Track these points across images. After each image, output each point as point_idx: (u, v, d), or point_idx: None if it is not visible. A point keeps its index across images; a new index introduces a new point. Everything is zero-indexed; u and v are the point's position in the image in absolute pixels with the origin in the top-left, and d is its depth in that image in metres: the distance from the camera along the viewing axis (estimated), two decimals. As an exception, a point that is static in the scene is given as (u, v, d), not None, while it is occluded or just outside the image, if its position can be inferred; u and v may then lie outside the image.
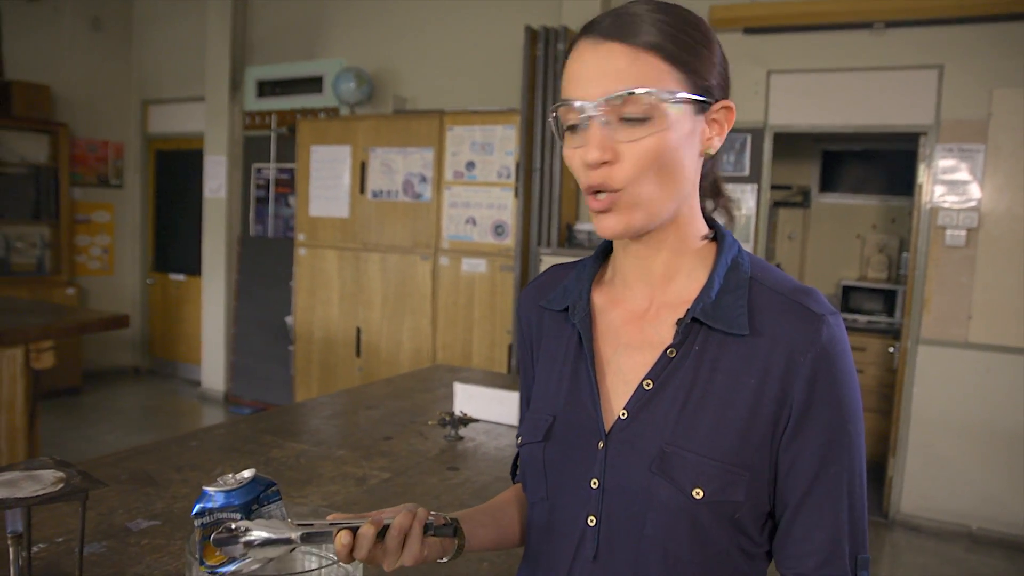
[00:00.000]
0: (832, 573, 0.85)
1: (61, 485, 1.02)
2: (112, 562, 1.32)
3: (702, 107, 0.87)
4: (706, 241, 0.95)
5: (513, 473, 1.18)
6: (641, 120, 0.83)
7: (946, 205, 4.15)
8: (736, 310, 0.87)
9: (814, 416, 0.84)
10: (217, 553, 0.81)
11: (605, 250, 1.04)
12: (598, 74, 0.83)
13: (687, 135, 0.86)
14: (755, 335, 0.86)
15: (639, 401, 0.89)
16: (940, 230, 4.17)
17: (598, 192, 0.86)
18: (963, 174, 4.10)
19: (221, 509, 0.84)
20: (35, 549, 1.30)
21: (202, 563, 0.83)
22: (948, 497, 4.24)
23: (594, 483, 0.90)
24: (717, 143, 0.90)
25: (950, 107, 4.11)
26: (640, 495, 0.86)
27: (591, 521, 0.90)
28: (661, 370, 0.89)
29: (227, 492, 0.85)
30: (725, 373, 0.86)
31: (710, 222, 0.98)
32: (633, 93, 0.82)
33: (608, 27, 0.84)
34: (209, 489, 0.85)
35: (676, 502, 0.84)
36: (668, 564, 0.86)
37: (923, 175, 4.24)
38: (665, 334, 0.91)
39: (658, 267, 0.93)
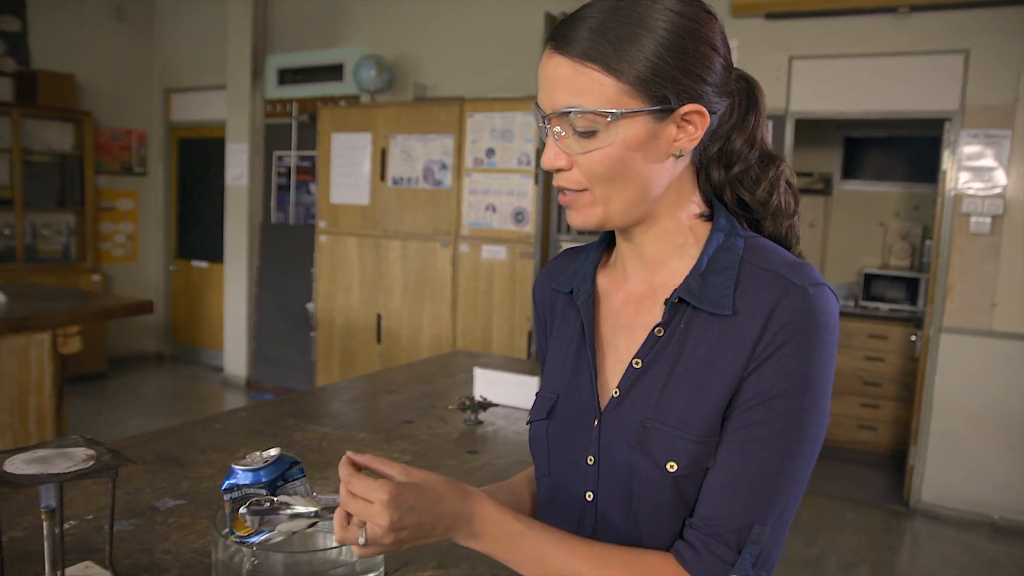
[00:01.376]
0: (713, 530, 0.83)
1: (92, 462, 1.04)
2: (140, 539, 1.35)
3: (661, 114, 0.85)
4: (702, 221, 0.95)
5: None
6: (589, 133, 0.85)
7: (971, 192, 4.10)
8: (722, 291, 0.87)
9: (765, 378, 0.83)
10: (245, 524, 0.86)
11: (611, 234, 1.06)
12: (549, 86, 0.86)
13: (643, 143, 0.85)
14: (735, 313, 0.86)
15: (629, 379, 0.92)
16: (964, 217, 4.13)
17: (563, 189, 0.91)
18: (988, 160, 4.05)
19: (249, 485, 0.88)
20: (66, 525, 1.33)
21: (232, 533, 0.87)
22: (970, 486, 4.22)
23: (590, 460, 0.93)
24: (687, 145, 0.88)
25: (976, 92, 4.06)
26: (624, 470, 0.89)
27: (589, 496, 0.94)
28: (649, 349, 0.91)
29: (254, 470, 0.89)
30: (704, 350, 0.87)
31: (712, 202, 0.97)
32: (571, 112, 0.84)
33: (558, 36, 0.86)
34: (237, 467, 0.90)
35: (653, 475, 0.86)
36: (657, 536, 0.88)
37: (947, 161, 4.20)
38: (657, 315, 0.94)
39: (647, 252, 0.96)
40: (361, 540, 0.78)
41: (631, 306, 0.97)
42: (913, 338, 5.03)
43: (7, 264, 6.25)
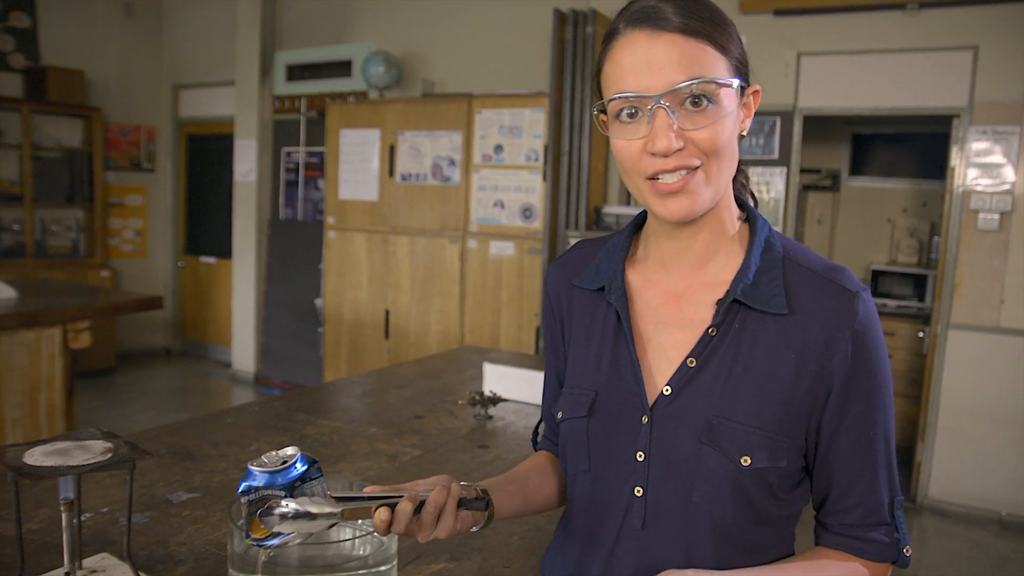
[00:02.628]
0: (876, 520, 0.92)
1: (110, 455, 1.05)
2: (155, 531, 1.37)
3: (741, 91, 0.90)
4: (740, 222, 0.98)
5: (534, 443, 1.22)
6: (704, 108, 0.86)
7: (979, 188, 4.09)
8: (773, 290, 0.91)
9: (854, 388, 0.89)
10: (262, 527, 0.85)
11: (635, 227, 1.06)
12: (660, 64, 0.85)
13: (735, 119, 0.90)
14: (792, 313, 0.90)
15: (683, 377, 0.93)
16: (972, 214, 4.12)
17: (661, 176, 0.88)
18: (997, 157, 4.04)
19: (266, 487, 0.87)
20: (82, 518, 1.34)
21: (248, 536, 0.87)
22: (977, 483, 4.21)
23: (640, 455, 0.94)
24: (747, 124, 0.94)
25: (984, 89, 4.05)
26: (688, 465, 0.91)
27: (638, 492, 0.94)
28: (703, 348, 0.93)
29: (271, 472, 0.88)
30: (765, 349, 0.90)
31: (740, 202, 1.01)
32: (702, 80, 0.84)
33: (652, 17, 0.86)
34: (254, 468, 0.89)
35: (724, 470, 0.89)
36: (714, 528, 0.91)
37: (956, 158, 4.19)
38: (704, 313, 0.94)
39: (698, 248, 0.96)
40: None
41: (671, 303, 0.98)
42: (921, 334, 5.02)
43: (17, 260, 6.28)
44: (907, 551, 0.93)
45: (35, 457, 1.03)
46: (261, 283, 6.53)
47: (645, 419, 0.93)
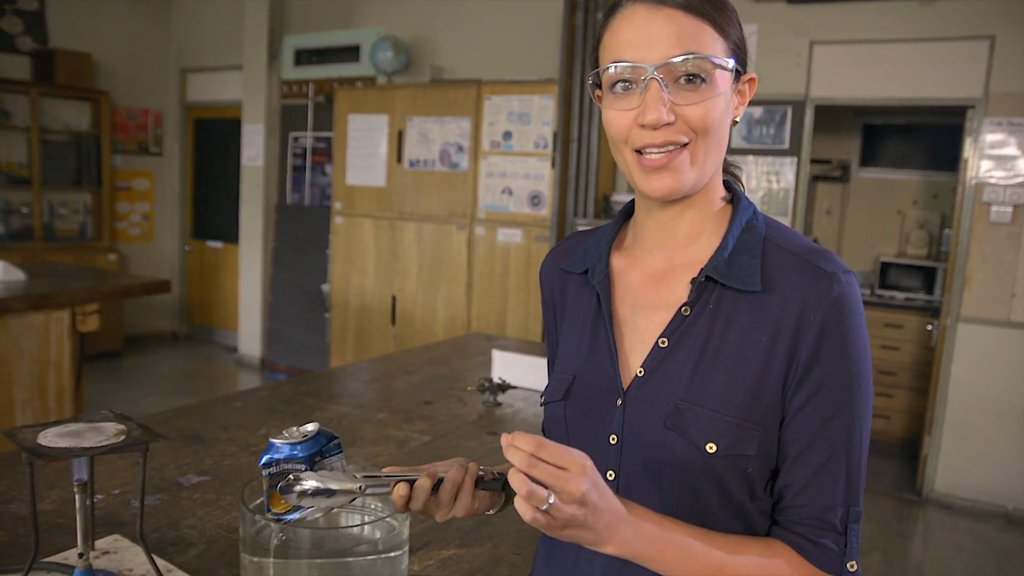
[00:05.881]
0: (824, 524, 0.87)
1: (123, 437, 1.05)
2: (166, 514, 1.37)
3: (736, 77, 0.90)
4: (724, 203, 0.98)
5: (544, 433, 1.20)
6: (697, 85, 0.86)
7: (992, 180, 4.06)
8: (749, 269, 0.90)
9: (819, 371, 0.86)
10: (283, 501, 0.85)
11: (626, 214, 1.07)
12: (657, 37, 0.85)
13: (728, 102, 0.90)
14: (767, 292, 0.88)
15: (655, 359, 0.92)
16: (985, 206, 4.09)
17: (648, 151, 0.88)
18: (1011, 149, 4.01)
19: (287, 460, 0.88)
20: (95, 500, 1.34)
21: (269, 510, 0.87)
22: (984, 477, 4.20)
23: (612, 439, 0.93)
24: (740, 112, 0.94)
25: (1000, 79, 4.01)
26: (656, 450, 0.89)
27: (610, 476, 0.93)
28: (676, 328, 0.92)
29: (292, 444, 0.89)
30: (738, 331, 0.89)
31: (727, 184, 1.01)
32: (697, 57, 0.85)
33: None
34: (276, 441, 0.89)
35: (691, 456, 0.87)
36: (685, 515, 0.89)
37: (969, 149, 4.16)
38: (681, 293, 0.94)
39: (682, 231, 0.96)
40: (551, 500, 0.74)
41: (650, 285, 0.97)
42: (929, 327, 5.00)
43: (25, 243, 6.29)
44: (852, 567, 0.87)
45: (49, 438, 1.02)
46: (268, 268, 6.53)
47: (619, 402, 0.93)
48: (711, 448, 0.86)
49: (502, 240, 4.82)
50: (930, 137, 5.75)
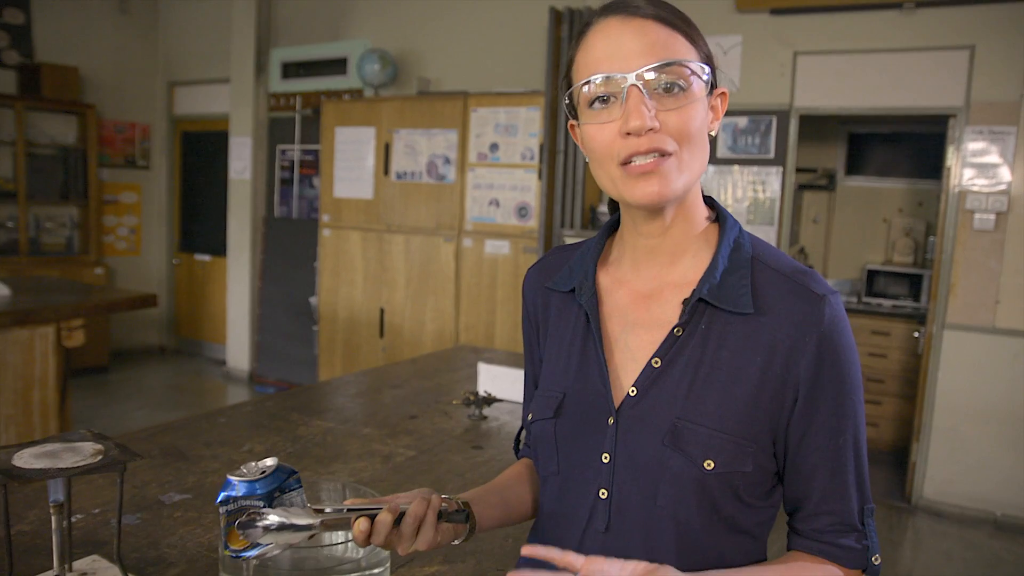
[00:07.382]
0: (845, 527, 0.92)
1: (100, 457, 1.04)
2: (147, 533, 1.36)
3: (710, 90, 0.92)
4: (708, 222, 0.98)
5: (516, 449, 1.21)
6: (675, 93, 0.87)
7: (975, 188, 4.09)
8: (740, 290, 0.91)
9: (822, 393, 0.89)
10: (240, 538, 0.83)
11: (609, 230, 1.06)
12: (634, 48, 0.86)
13: (705, 108, 0.91)
14: (759, 314, 0.90)
15: (648, 378, 0.92)
16: (968, 214, 4.12)
17: (635, 159, 0.87)
18: (993, 157, 4.04)
19: (245, 497, 0.87)
20: (72, 519, 1.33)
21: (227, 547, 0.86)
22: (972, 483, 4.22)
23: (605, 457, 0.93)
24: (716, 126, 0.94)
25: (981, 89, 4.05)
26: (652, 467, 0.90)
27: (603, 494, 0.93)
28: (668, 348, 0.92)
29: (250, 481, 0.87)
30: (731, 351, 0.90)
31: (710, 202, 1.01)
32: (674, 63, 0.86)
33: (632, 6, 0.88)
34: (233, 478, 0.88)
35: (688, 473, 0.88)
36: (679, 532, 0.90)
37: (952, 158, 4.19)
38: (671, 313, 0.94)
39: (668, 247, 0.96)
40: None
41: (640, 303, 0.97)
42: (916, 334, 5.02)
43: (11, 257, 6.25)
44: (876, 559, 0.93)
45: (24, 459, 1.02)
46: (256, 281, 6.52)
47: (611, 421, 0.93)
48: (709, 465, 0.87)
49: (490, 252, 4.82)
50: (915, 145, 5.79)
